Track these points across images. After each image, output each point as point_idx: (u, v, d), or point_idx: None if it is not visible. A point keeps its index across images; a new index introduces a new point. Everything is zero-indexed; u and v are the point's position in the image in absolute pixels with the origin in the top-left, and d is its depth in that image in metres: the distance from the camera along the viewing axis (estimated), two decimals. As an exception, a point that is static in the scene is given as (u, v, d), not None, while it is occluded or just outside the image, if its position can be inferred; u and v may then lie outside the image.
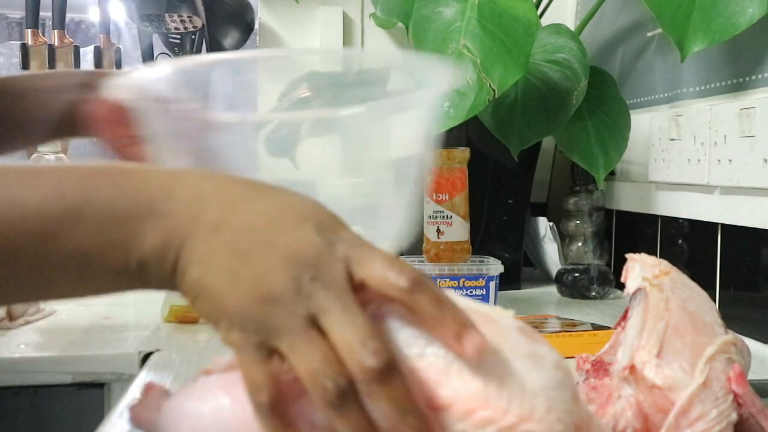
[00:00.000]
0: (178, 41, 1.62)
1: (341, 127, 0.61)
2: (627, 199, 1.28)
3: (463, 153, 1.06)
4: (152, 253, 0.40)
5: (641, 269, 0.59)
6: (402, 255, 1.05)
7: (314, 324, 0.38)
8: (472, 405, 0.38)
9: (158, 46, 1.65)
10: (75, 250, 0.40)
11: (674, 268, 0.60)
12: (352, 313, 0.38)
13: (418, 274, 0.39)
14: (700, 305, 0.56)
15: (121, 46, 1.78)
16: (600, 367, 0.65)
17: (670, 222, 1.15)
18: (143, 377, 0.78)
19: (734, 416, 0.50)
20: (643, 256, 0.61)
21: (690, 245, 1.11)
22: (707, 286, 1.04)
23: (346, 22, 1.57)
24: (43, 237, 0.40)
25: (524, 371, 0.39)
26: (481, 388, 0.39)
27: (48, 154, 1.24)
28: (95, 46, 1.74)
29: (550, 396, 0.39)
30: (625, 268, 0.61)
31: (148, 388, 0.47)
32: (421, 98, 0.60)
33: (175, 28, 1.56)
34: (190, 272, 0.40)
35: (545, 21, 1.20)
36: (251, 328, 0.39)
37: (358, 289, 0.39)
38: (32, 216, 0.40)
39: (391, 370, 0.37)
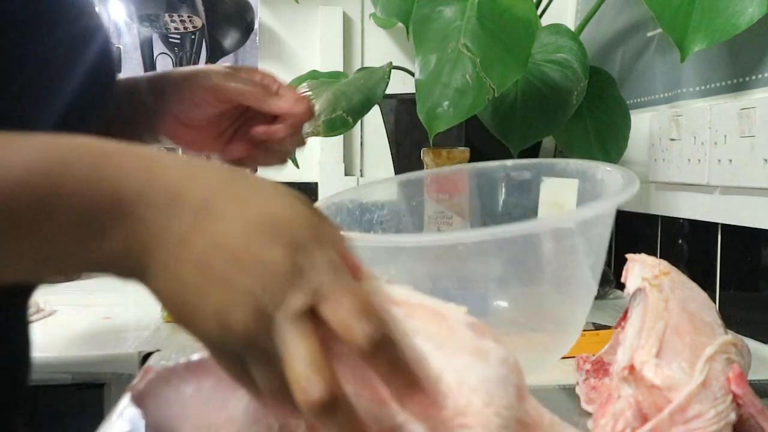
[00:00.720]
0: (178, 41, 1.62)
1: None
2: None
3: (463, 153, 1.06)
4: (115, 257, 0.39)
5: (641, 269, 0.59)
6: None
7: (273, 351, 0.38)
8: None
9: (158, 46, 1.65)
10: (37, 241, 0.39)
11: (674, 268, 0.60)
12: (305, 347, 0.37)
13: (383, 331, 0.38)
14: (700, 305, 0.56)
15: (121, 46, 1.78)
16: (600, 367, 0.65)
17: (670, 222, 1.15)
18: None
19: (733, 416, 0.50)
20: (642, 257, 0.61)
21: (690, 245, 1.11)
22: (707, 286, 1.04)
23: (346, 21, 1.57)
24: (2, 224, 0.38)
25: (464, 367, 0.40)
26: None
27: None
28: (95, 46, 1.74)
29: (489, 391, 0.40)
30: (625, 268, 0.61)
31: (147, 371, 0.49)
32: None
33: (175, 28, 1.56)
34: (157, 282, 0.39)
35: (545, 21, 1.20)
36: (217, 349, 0.39)
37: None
38: None
39: (337, 404, 0.37)
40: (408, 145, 1.22)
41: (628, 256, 0.62)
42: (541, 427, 0.42)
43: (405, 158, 1.23)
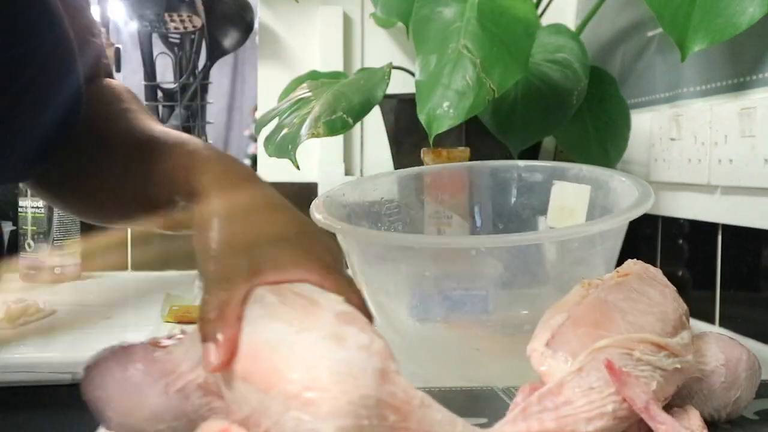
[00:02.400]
0: (178, 41, 1.62)
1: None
2: (627, 199, 1.28)
3: (463, 153, 1.06)
4: None
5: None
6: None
7: None
8: (266, 375, 0.44)
9: (158, 46, 1.65)
10: None
11: (644, 270, 0.59)
12: None
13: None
14: (641, 306, 0.54)
15: (120, 46, 1.77)
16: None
17: (671, 222, 1.15)
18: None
19: (610, 408, 0.49)
20: (631, 262, 0.61)
21: (690, 245, 1.11)
22: (707, 286, 1.04)
23: (346, 21, 1.57)
24: None
25: (318, 348, 0.44)
26: (270, 361, 0.44)
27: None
28: (95, 46, 1.74)
29: (339, 370, 0.43)
30: None
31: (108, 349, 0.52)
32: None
33: (175, 28, 1.56)
34: None
35: (545, 21, 1.20)
36: None
37: None
38: None
39: None
40: (408, 145, 1.22)
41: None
42: (411, 409, 0.44)
43: (405, 158, 1.23)
